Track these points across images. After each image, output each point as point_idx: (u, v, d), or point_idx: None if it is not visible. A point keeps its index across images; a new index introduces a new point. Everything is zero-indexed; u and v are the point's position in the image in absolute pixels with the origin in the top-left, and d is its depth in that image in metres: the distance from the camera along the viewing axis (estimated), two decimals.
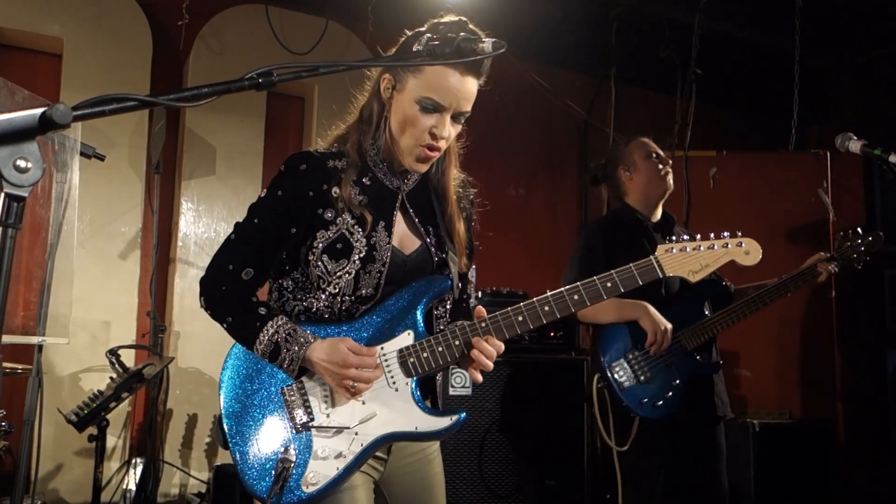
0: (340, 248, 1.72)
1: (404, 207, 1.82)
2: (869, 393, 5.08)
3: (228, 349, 1.79)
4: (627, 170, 3.15)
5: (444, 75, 1.68)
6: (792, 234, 4.38)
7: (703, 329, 2.92)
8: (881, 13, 4.91)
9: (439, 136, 1.71)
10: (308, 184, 1.73)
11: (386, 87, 1.77)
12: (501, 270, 4.11)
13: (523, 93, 5.16)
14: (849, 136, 2.64)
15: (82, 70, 4.06)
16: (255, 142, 4.47)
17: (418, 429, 1.71)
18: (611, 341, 2.92)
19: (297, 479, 1.66)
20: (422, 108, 1.70)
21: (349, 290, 1.73)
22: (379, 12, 4.65)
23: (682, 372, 2.86)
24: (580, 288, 1.75)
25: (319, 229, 1.72)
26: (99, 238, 4.03)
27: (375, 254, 1.73)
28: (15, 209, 1.01)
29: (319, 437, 1.69)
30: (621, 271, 1.79)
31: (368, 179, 1.78)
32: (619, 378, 2.86)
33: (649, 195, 3.11)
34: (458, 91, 1.69)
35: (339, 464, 1.68)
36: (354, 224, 1.73)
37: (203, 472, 4.07)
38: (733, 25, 5.18)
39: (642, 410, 2.83)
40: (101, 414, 3.17)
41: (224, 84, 1.18)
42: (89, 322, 3.94)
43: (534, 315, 1.73)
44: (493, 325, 1.72)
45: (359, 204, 1.73)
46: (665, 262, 1.81)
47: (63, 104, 0.99)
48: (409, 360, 1.72)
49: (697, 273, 1.85)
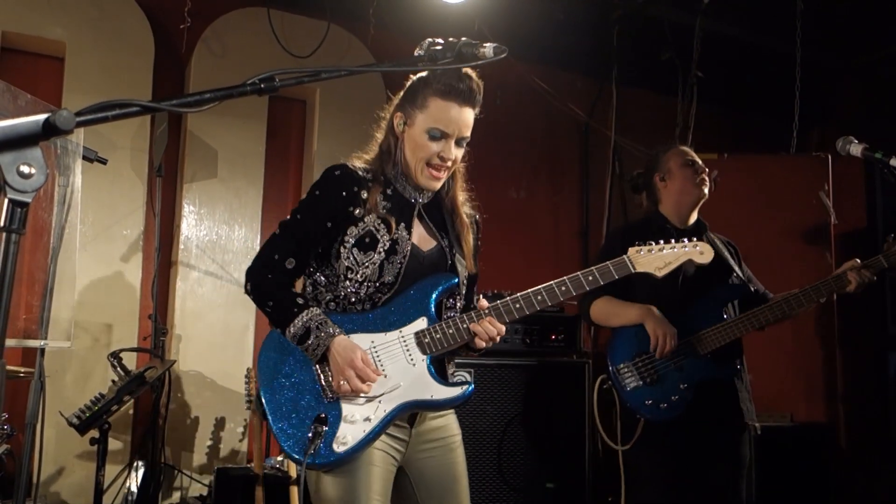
0: (368, 241, 2.03)
1: (421, 216, 2.14)
2: (870, 396, 5.07)
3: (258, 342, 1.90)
4: (663, 178, 3.15)
5: (446, 108, 2.03)
6: (793, 237, 4.38)
7: (717, 333, 2.90)
8: (882, 15, 4.91)
9: (446, 157, 2.05)
10: (342, 186, 2.05)
11: (398, 123, 2.10)
12: (502, 273, 4.11)
13: (524, 95, 5.16)
14: (850, 139, 2.64)
15: (84, 73, 4.07)
16: (256, 145, 4.48)
17: (433, 397, 2.01)
18: (621, 343, 2.93)
19: (329, 440, 1.93)
20: (430, 136, 2.04)
21: (374, 276, 2.03)
22: (381, 15, 4.66)
23: (693, 375, 2.85)
24: (566, 280, 2.11)
25: (350, 225, 2.04)
26: (101, 241, 4.03)
27: (397, 247, 2.04)
28: (18, 215, 1.01)
29: (348, 405, 1.98)
30: (600, 267, 2.14)
31: (391, 191, 2.11)
32: (626, 379, 2.86)
33: (681, 202, 3.11)
34: (458, 121, 2.04)
35: (365, 426, 1.96)
36: (380, 223, 2.05)
37: (205, 475, 4.07)
38: (735, 27, 5.18)
39: (646, 411, 2.83)
40: (102, 417, 3.17)
41: (227, 89, 1.18)
42: (91, 325, 3.95)
43: (528, 303, 2.08)
44: (494, 312, 2.06)
45: (383, 209, 2.06)
46: (635, 259, 2.19)
47: (66, 110, 1.00)
48: (425, 341, 2.03)
49: (662, 269, 2.21)
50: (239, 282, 4.31)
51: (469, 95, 2.04)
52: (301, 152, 4.78)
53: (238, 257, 4.35)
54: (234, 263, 4.33)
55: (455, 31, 3.55)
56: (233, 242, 4.36)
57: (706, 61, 4.99)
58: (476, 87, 2.06)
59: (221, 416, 4.15)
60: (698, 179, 3.09)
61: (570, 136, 5.50)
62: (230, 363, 4.21)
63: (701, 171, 3.11)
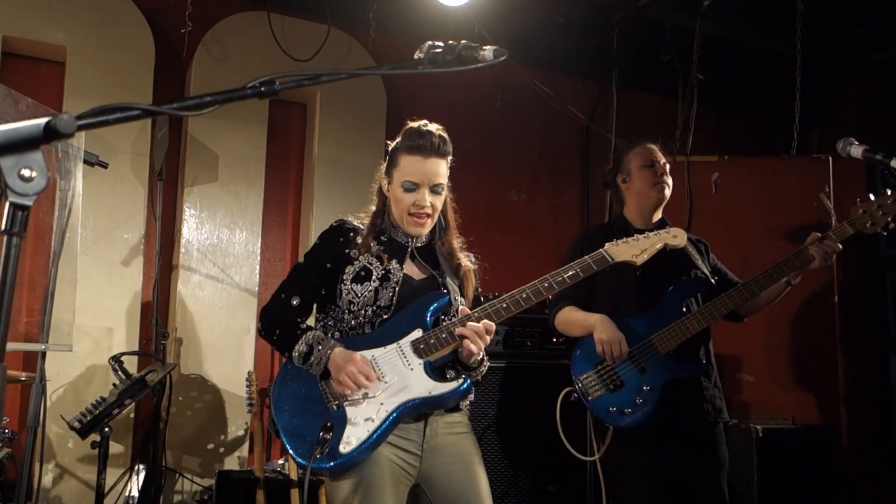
0: (363, 274, 2.24)
1: (413, 256, 2.33)
2: (872, 398, 5.07)
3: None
4: (624, 179, 3.14)
5: (413, 162, 2.25)
6: (794, 239, 4.37)
7: (675, 330, 2.85)
8: (883, 17, 4.91)
9: (421, 205, 2.25)
10: (339, 234, 2.32)
11: (384, 185, 2.35)
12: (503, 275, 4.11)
13: (525, 97, 5.17)
14: (850, 141, 2.64)
15: (85, 77, 4.07)
16: (257, 148, 4.48)
17: (431, 392, 2.13)
18: (582, 353, 2.92)
19: (335, 443, 2.05)
20: (404, 189, 2.26)
21: (370, 301, 2.22)
22: (381, 18, 4.67)
23: (657, 376, 2.81)
24: (548, 277, 2.24)
25: (347, 265, 2.27)
26: (102, 245, 4.04)
27: (390, 275, 2.24)
28: (20, 218, 1.01)
29: (352, 409, 2.11)
30: (579, 262, 2.26)
31: (385, 238, 2.33)
32: (589, 388, 2.85)
33: (642, 205, 3.10)
34: (425, 171, 2.24)
35: (369, 426, 2.08)
36: (373, 259, 2.27)
37: (206, 478, 4.07)
38: (735, 30, 5.18)
39: (611, 419, 2.82)
40: (104, 420, 3.17)
41: (227, 93, 1.18)
42: (92, 328, 3.95)
43: (514, 303, 2.20)
44: (482, 313, 2.20)
45: (376, 248, 2.28)
46: (612, 251, 2.30)
47: (67, 114, 1.00)
48: (420, 347, 2.17)
49: (639, 256, 2.30)
50: (240, 285, 4.32)
51: (431, 148, 2.23)
52: (301, 156, 4.78)
53: (239, 261, 4.36)
54: (234, 267, 4.34)
55: (455, 33, 3.57)
56: (233, 246, 4.36)
57: (707, 63, 4.99)
58: (438, 139, 2.24)
59: (222, 420, 4.15)
60: (656, 182, 3.05)
61: (571, 139, 5.50)
62: (231, 366, 4.22)
63: (661, 173, 3.07)
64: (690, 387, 2.90)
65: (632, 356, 2.84)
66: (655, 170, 3.07)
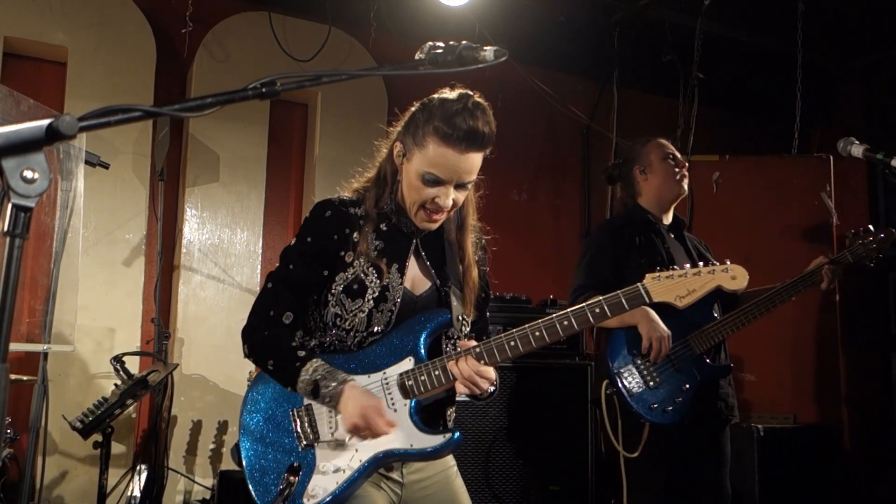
0: (357, 288, 1.86)
1: (418, 251, 1.95)
2: (874, 397, 5.07)
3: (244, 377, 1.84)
4: (643, 170, 3.11)
5: (444, 155, 1.80)
6: (795, 238, 4.38)
7: (712, 332, 2.89)
8: (883, 17, 4.91)
9: (442, 206, 1.85)
10: (332, 228, 1.88)
11: (398, 154, 1.91)
12: (504, 275, 4.11)
13: (526, 97, 5.16)
14: (851, 140, 2.64)
15: (87, 78, 4.08)
16: (258, 148, 4.48)
17: (413, 446, 1.80)
18: (619, 346, 2.88)
19: (300, 493, 1.78)
20: (423, 181, 1.83)
21: (362, 326, 1.87)
22: (382, 19, 4.67)
23: (692, 376, 2.84)
24: (570, 315, 1.84)
25: (339, 272, 1.88)
26: (103, 245, 4.04)
27: (388, 294, 1.86)
28: (22, 219, 1.01)
29: (322, 453, 1.82)
30: (609, 298, 1.86)
31: (385, 226, 1.92)
32: (629, 384, 2.82)
33: (662, 197, 3.08)
34: (457, 167, 1.82)
35: (338, 478, 1.79)
36: (370, 267, 1.87)
37: (207, 478, 4.07)
38: (735, 29, 5.18)
39: (652, 416, 2.79)
40: (105, 421, 3.18)
41: (228, 94, 1.18)
42: (94, 329, 3.95)
43: (525, 340, 1.83)
44: (485, 349, 1.82)
45: (375, 252, 1.88)
46: (652, 288, 1.87)
47: (69, 115, 1.00)
48: (408, 383, 1.83)
49: (684, 298, 1.89)
50: (241, 285, 4.32)
51: (473, 138, 1.80)
52: (303, 156, 4.78)
53: (240, 261, 4.36)
54: (236, 267, 4.34)
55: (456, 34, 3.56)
56: (235, 246, 4.36)
57: (707, 63, 4.99)
58: (484, 125, 1.82)
59: (224, 420, 4.15)
60: (678, 175, 3.06)
61: (572, 139, 5.50)
62: (233, 366, 4.21)
63: (681, 166, 3.08)
64: (714, 387, 2.93)
65: (668, 354, 2.83)
66: (677, 162, 3.08)
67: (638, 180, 3.13)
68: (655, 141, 3.16)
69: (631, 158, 3.18)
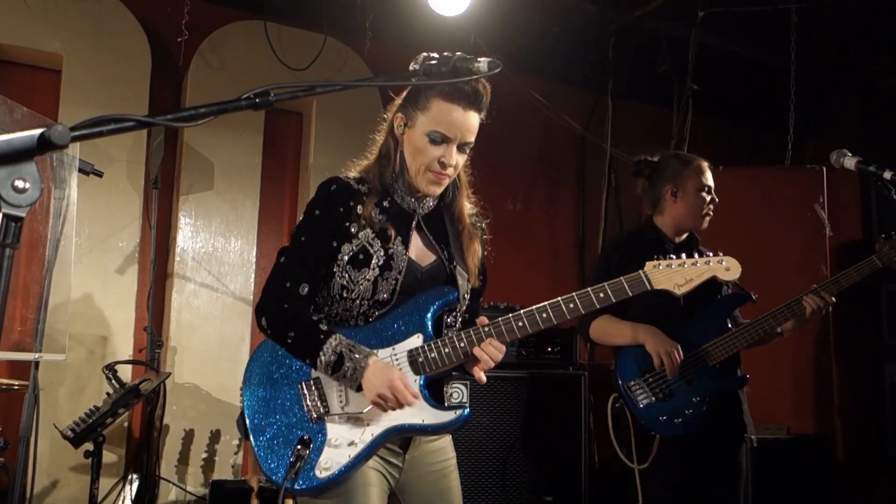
0: (362, 258, 1.92)
1: (420, 227, 2.03)
2: (867, 407, 5.07)
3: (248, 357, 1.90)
4: (675, 192, 3.01)
5: (449, 111, 1.90)
6: (788, 249, 4.39)
7: (726, 343, 2.85)
8: (876, 29, 4.95)
9: (447, 163, 1.94)
10: (338, 201, 1.96)
11: (399, 125, 1.99)
12: (499, 285, 4.11)
13: (521, 107, 5.18)
14: (843, 152, 2.65)
15: (81, 86, 4.07)
16: (253, 157, 4.48)
17: (424, 421, 1.87)
18: (629, 361, 2.87)
19: (311, 465, 1.83)
20: (430, 140, 1.92)
21: (368, 294, 1.92)
22: (377, 28, 4.68)
23: (705, 388, 2.81)
24: (575, 297, 1.93)
25: (345, 243, 1.94)
26: (96, 253, 4.03)
27: (392, 263, 1.93)
28: (13, 229, 1.01)
29: (333, 427, 1.87)
30: (613, 283, 1.96)
31: (388, 203, 2.00)
32: (638, 397, 2.81)
33: (681, 225, 3.03)
34: (461, 124, 1.92)
35: (350, 451, 1.84)
36: (374, 237, 1.94)
37: (199, 487, 4.05)
38: (729, 41, 5.21)
39: (660, 428, 2.78)
40: (97, 430, 3.16)
41: (221, 104, 1.19)
42: (86, 337, 3.94)
43: (532, 321, 1.91)
44: (495, 330, 1.90)
45: (379, 221, 1.95)
46: (652, 275, 1.99)
47: (62, 125, 1.00)
48: (419, 360, 1.90)
49: (682, 286, 2.00)
50: (235, 293, 4.31)
51: (475, 98, 1.91)
52: (297, 164, 4.78)
53: (234, 269, 4.35)
54: (230, 275, 4.33)
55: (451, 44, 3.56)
56: (229, 254, 4.35)
57: (701, 74, 5.02)
58: (483, 89, 1.93)
59: (217, 429, 4.13)
60: (705, 211, 3.00)
61: (567, 149, 5.51)
62: (226, 375, 4.20)
63: (712, 203, 3.01)
64: (732, 400, 2.91)
65: (681, 366, 2.80)
66: (712, 199, 3.01)
67: (666, 199, 3.03)
68: (697, 165, 3.03)
69: (667, 174, 3.05)
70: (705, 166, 3.05)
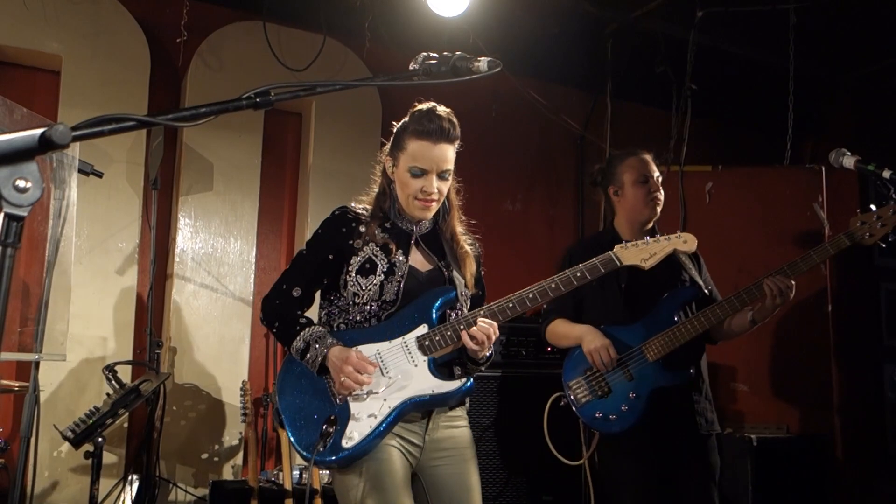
0: (368, 267, 2.23)
1: (418, 243, 2.33)
2: (866, 407, 5.07)
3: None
4: (616, 191, 3.07)
5: (423, 147, 2.22)
6: (788, 249, 4.38)
7: (665, 339, 2.83)
8: (875, 29, 4.95)
9: (429, 191, 2.23)
10: (341, 223, 2.30)
11: (389, 167, 2.32)
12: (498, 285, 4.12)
13: (520, 108, 5.18)
14: (842, 151, 2.66)
15: (81, 87, 4.07)
16: (252, 157, 4.48)
17: (434, 391, 2.16)
18: (572, 361, 2.94)
19: (338, 438, 2.09)
20: (412, 174, 2.23)
21: (376, 295, 2.22)
22: (376, 29, 4.68)
23: (643, 384, 2.82)
24: (556, 279, 2.27)
25: (351, 257, 2.25)
26: (96, 254, 4.03)
27: (395, 269, 2.24)
28: (14, 229, 1.01)
29: (356, 405, 2.14)
30: (587, 263, 2.27)
31: (389, 225, 2.31)
32: (578, 395, 2.89)
33: (633, 220, 3.04)
34: (434, 157, 2.22)
35: (371, 422, 2.11)
36: (378, 250, 2.25)
37: (200, 488, 4.05)
38: (728, 41, 5.21)
39: (597, 425, 2.85)
40: (97, 430, 3.16)
41: (222, 104, 1.19)
42: (86, 338, 3.94)
43: (520, 302, 2.24)
44: (488, 312, 2.22)
45: (381, 238, 2.27)
46: (621, 254, 2.31)
47: (63, 124, 1.00)
48: (425, 343, 2.19)
49: (648, 260, 2.30)
50: (235, 294, 4.32)
51: (441, 133, 2.20)
52: (297, 165, 4.78)
53: (233, 270, 4.35)
54: (229, 276, 4.33)
55: (450, 44, 3.58)
56: (228, 255, 4.36)
57: (700, 74, 5.02)
58: (448, 124, 2.21)
59: (217, 429, 4.13)
60: (650, 199, 3.00)
61: (565, 149, 5.52)
62: (225, 376, 4.21)
63: (654, 190, 3.00)
64: (681, 399, 2.90)
65: (621, 363, 2.85)
66: (649, 186, 3.01)
67: (613, 200, 3.09)
68: (629, 160, 3.06)
69: (607, 175, 3.11)
70: (641, 156, 3.07)
